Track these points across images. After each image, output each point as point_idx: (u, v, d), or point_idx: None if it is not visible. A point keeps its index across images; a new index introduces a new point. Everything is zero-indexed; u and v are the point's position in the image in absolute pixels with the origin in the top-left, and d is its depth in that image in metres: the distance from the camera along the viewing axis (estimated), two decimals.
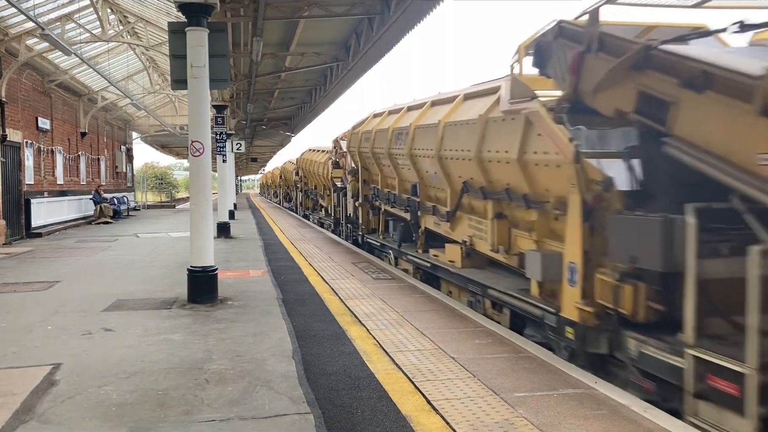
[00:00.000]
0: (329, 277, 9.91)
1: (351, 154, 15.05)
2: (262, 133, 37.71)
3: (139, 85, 28.09)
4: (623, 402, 4.31)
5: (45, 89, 20.07)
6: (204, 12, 7.80)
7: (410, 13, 12.56)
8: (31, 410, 4.21)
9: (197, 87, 7.87)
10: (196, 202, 8.05)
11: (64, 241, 16.71)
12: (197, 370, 5.06)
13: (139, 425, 3.94)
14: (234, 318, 7.00)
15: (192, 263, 7.94)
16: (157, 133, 36.97)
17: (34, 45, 17.60)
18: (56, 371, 5.07)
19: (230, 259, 12.39)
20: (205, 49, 7.80)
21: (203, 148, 7.91)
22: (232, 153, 23.23)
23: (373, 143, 12.32)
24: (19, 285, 9.42)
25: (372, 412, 4.16)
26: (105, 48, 21.46)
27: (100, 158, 27.78)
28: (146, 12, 19.22)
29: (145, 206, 39.38)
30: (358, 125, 14.18)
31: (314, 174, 23.94)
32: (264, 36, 13.63)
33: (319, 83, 22.86)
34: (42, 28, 14.32)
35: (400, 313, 7.20)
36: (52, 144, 20.66)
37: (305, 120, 32.11)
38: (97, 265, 11.72)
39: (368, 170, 13.74)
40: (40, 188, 19.26)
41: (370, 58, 16.69)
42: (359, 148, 13.57)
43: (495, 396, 4.44)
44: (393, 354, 5.52)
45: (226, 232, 17.24)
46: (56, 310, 7.52)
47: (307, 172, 25.70)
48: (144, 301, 8.06)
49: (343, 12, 13.59)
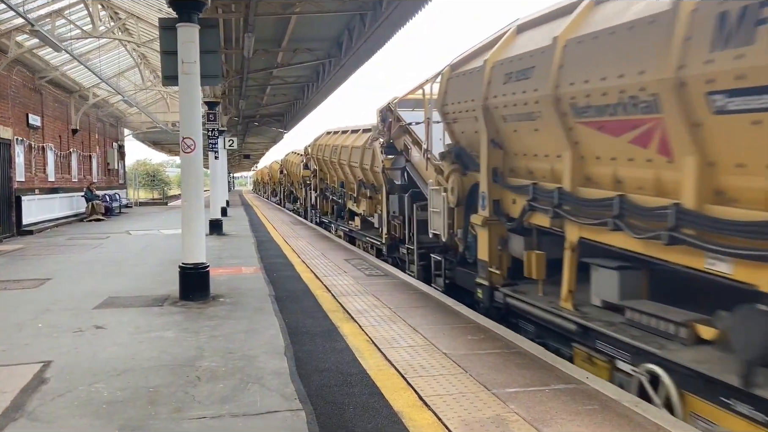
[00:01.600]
0: (322, 274, 9.90)
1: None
2: (255, 130, 37.60)
3: (130, 81, 27.95)
4: (614, 397, 4.32)
5: (35, 86, 19.94)
6: (195, 8, 7.76)
7: (402, 9, 12.57)
8: (20, 408, 4.18)
9: (188, 83, 7.83)
10: (188, 199, 8.02)
11: (55, 238, 16.62)
12: (188, 367, 5.04)
13: (129, 423, 3.92)
14: (226, 315, 6.98)
15: (184, 260, 7.91)
16: (149, 129, 36.81)
17: (24, 41, 17.48)
18: (46, 369, 5.04)
19: (222, 256, 12.36)
20: (196, 46, 7.76)
21: (195, 144, 7.87)
22: (224, 150, 23.15)
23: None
24: (9, 283, 9.36)
25: (364, 408, 4.15)
26: (96, 44, 21.32)
27: (92, 155, 27.63)
28: (137, 8, 19.12)
29: (137, 203, 39.22)
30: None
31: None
32: (256, 32, 13.58)
33: (311, 79, 22.81)
34: (32, 24, 14.23)
35: (392, 310, 7.20)
36: (43, 141, 20.54)
37: (298, 116, 32.06)
38: (88, 262, 11.66)
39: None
40: (31, 185, 19.14)
41: (363, 54, 16.68)
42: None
43: (487, 391, 4.44)
44: (385, 350, 5.52)
45: (219, 229, 17.21)
46: (47, 308, 7.48)
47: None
48: (135, 298, 8.03)
49: (335, 8, 13.56)
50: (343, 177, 17.63)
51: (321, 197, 22.14)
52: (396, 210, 12.18)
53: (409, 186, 11.73)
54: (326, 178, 20.72)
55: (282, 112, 32.96)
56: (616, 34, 4.92)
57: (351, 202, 17.19)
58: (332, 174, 19.27)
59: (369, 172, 14.34)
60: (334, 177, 18.98)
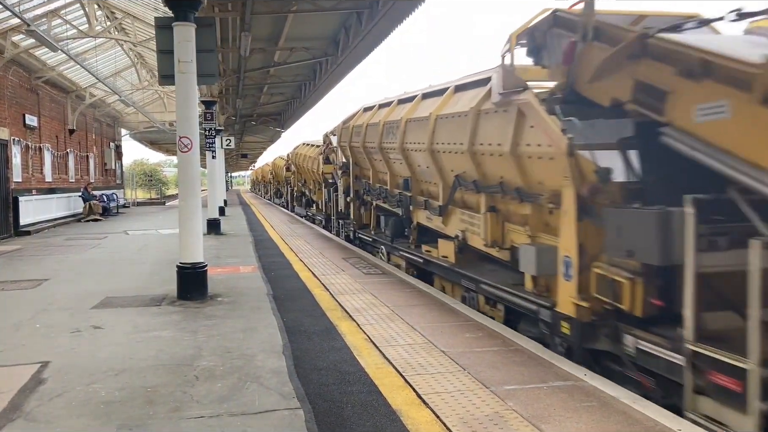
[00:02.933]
0: (320, 273, 9.90)
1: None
2: (252, 129, 37.53)
3: (127, 81, 27.89)
4: (612, 394, 4.33)
5: (32, 86, 19.89)
6: (191, 7, 7.74)
7: (398, 7, 12.55)
8: (18, 409, 4.17)
9: (185, 82, 7.81)
10: (185, 199, 8.00)
11: (53, 238, 16.59)
12: (186, 367, 5.04)
13: (127, 423, 3.91)
14: (224, 314, 6.98)
15: (181, 260, 7.90)
16: (146, 129, 36.71)
17: (20, 41, 17.43)
18: (44, 369, 5.03)
19: (220, 255, 12.35)
20: (193, 45, 7.74)
21: (191, 144, 7.86)
22: (221, 149, 23.12)
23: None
24: (6, 283, 9.34)
25: (362, 406, 4.15)
26: (92, 44, 21.24)
27: (89, 155, 27.57)
28: (133, 7, 19.08)
29: (134, 203, 39.16)
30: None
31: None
32: (252, 31, 13.55)
33: (308, 78, 22.77)
34: (28, 24, 14.19)
35: (390, 308, 7.20)
36: (40, 141, 20.49)
37: (295, 115, 32.02)
38: (86, 262, 11.65)
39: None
40: (29, 186, 19.10)
41: (360, 53, 16.65)
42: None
43: (485, 389, 4.44)
44: (383, 348, 5.52)
45: (217, 229, 17.18)
46: (44, 308, 7.46)
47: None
48: (133, 298, 8.02)
49: (331, 6, 13.53)
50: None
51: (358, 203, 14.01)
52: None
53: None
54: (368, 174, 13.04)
55: (279, 111, 32.92)
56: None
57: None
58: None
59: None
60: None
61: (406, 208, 10.33)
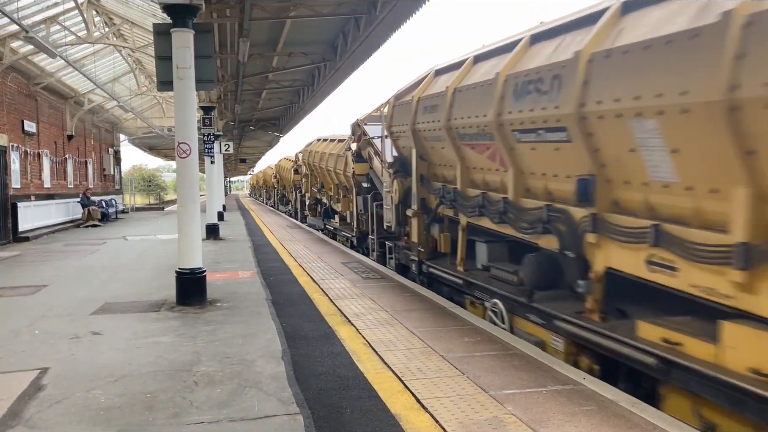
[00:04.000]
0: (319, 278, 9.90)
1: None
2: (251, 134, 37.56)
3: (125, 87, 27.89)
4: (611, 398, 4.34)
5: (30, 92, 19.90)
6: (189, 13, 7.77)
7: (397, 13, 12.56)
8: (18, 415, 4.18)
9: (183, 88, 7.83)
10: (184, 204, 8.01)
11: (51, 244, 16.59)
12: (186, 373, 5.04)
13: (127, 429, 3.92)
14: (223, 320, 6.98)
15: (180, 265, 7.91)
16: (144, 135, 36.72)
17: (19, 48, 17.44)
18: (43, 376, 5.03)
19: (219, 260, 12.35)
20: (191, 51, 7.76)
21: (190, 149, 7.87)
22: (220, 154, 23.12)
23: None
24: (5, 289, 9.34)
25: (361, 411, 4.16)
26: (91, 50, 21.25)
27: (88, 161, 27.57)
28: (132, 13, 19.08)
29: (133, 209, 39.17)
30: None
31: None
32: (251, 36, 13.57)
33: (307, 83, 22.79)
34: (26, 30, 14.18)
35: (389, 313, 7.20)
36: (39, 147, 20.49)
37: (294, 120, 32.04)
38: (85, 268, 11.64)
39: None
40: (27, 192, 19.09)
41: (358, 58, 16.66)
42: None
43: (484, 393, 4.45)
44: (382, 353, 5.52)
45: (215, 234, 17.18)
46: (43, 314, 7.46)
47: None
48: (132, 304, 8.02)
49: (330, 12, 13.55)
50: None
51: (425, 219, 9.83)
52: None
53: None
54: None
55: (278, 116, 32.95)
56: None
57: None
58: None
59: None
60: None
61: (574, 240, 5.65)
